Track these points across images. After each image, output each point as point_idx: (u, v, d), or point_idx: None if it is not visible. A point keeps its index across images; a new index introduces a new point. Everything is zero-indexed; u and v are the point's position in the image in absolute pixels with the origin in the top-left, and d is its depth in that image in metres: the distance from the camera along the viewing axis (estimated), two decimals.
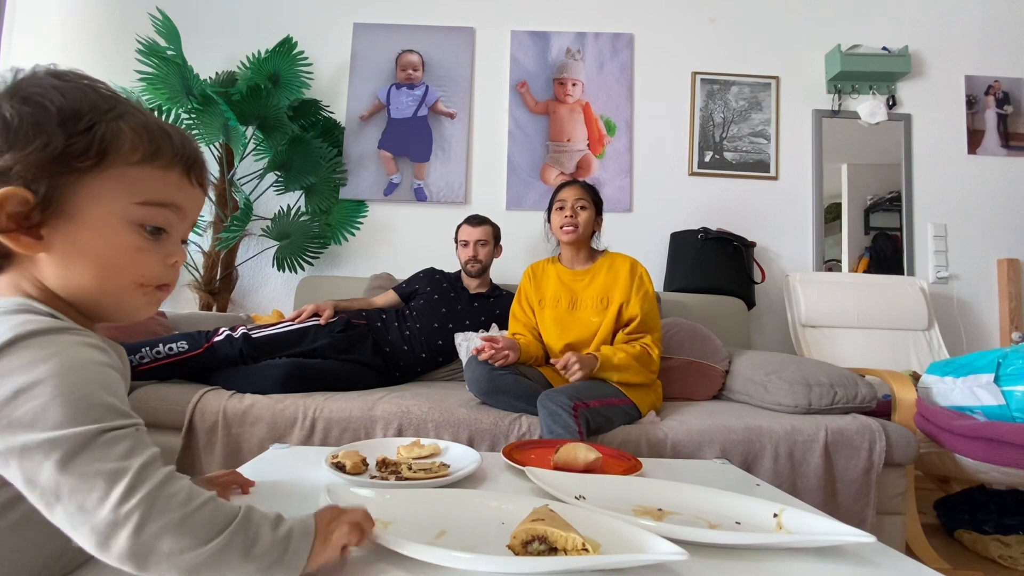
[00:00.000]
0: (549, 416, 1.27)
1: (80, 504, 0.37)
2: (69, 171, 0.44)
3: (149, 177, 0.48)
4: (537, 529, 0.51)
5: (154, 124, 0.49)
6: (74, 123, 0.44)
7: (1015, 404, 1.44)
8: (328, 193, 2.55)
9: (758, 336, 2.55)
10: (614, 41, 2.68)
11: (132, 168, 0.47)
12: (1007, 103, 2.68)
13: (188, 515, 0.39)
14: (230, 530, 0.41)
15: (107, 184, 0.46)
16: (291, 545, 0.44)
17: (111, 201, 0.46)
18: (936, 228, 2.60)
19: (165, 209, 0.49)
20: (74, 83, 0.47)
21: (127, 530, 0.37)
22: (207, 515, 0.41)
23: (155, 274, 0.50)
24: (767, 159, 2.64)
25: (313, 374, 1.57)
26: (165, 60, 2.18)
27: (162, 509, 0.39)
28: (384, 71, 2.66)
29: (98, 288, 0.47)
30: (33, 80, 0.46)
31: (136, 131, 0.47)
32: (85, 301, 0.48)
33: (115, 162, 0.46)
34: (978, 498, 1.72)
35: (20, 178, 0.43)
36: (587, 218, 1.64)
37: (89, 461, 0.38)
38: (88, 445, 0.38)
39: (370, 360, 1.80)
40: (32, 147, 0.43)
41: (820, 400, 1.50)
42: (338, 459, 0.80)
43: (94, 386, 0.41)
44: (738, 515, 0.69)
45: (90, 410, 0.40)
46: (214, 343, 1.58)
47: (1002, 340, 2.52)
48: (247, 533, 0.42)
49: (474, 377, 1.46)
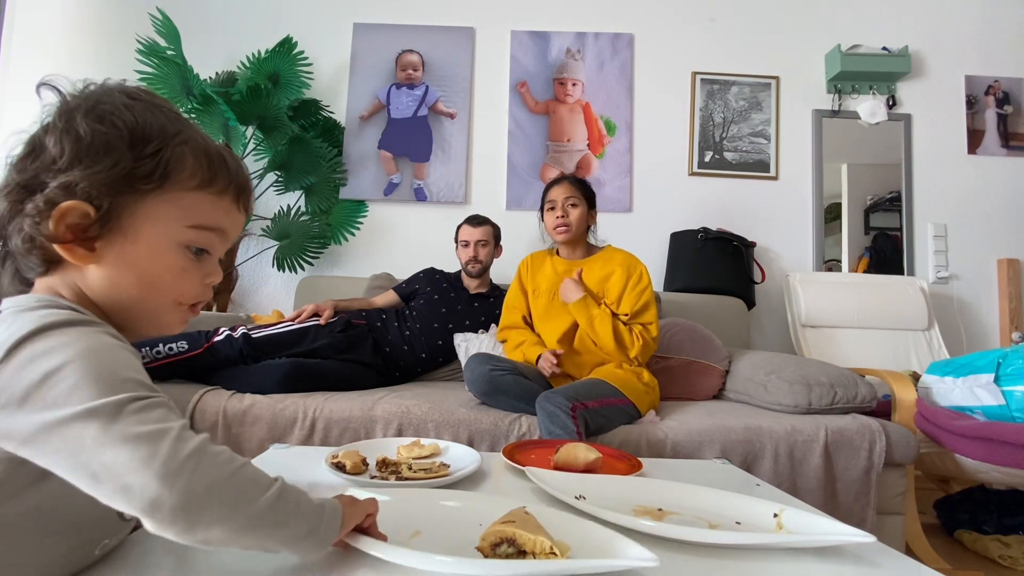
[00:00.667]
0: (547, 417, 1.27)
1: (127, 466, 0.37)
2: (132, 191, 0.46)
3: (203, 202, 0.50)
4: (505, 531, 0.51)
5: (213, 150, 0.51)
6: (143, 146, 0.46)
7: (1015, 404, 1.44)
8: (328, 193, 2.55)
9: (758, 336, 2.55)
10: (614, 41, 2.68)
11: (189, 192, 0.49)
12: (1007, 103, 2.68)
13: (235, 472, 0.40)
14: (275, 490, 0.42)
15: (164, 207, 0.48)
16: (325, 517, 0.45)
17: (166, 223, 0.48)
18: (936, 228, 2.60)
19: (212, 233, 0.52)
20: (144, 103, 0.48)
21: (179, 486, 0.37)
22: (252, 474, 0.41)
23: (194, 293, 0.52)
24: (767, 159, 2.64)
25: (313, 374, 1.57)
26: (165, 60, 2.18)
27: (210, 465, 0.39)
28: (384, 71, 2.66)
29: (139, 303, 0.49)
30: (106, 96, 0.47)
31: (197, 157, 0.49)
32: (122, 313, 0.49)
33: (175, 186, 0.48)
34: (978, 498, 1.72)
35: (84, 193, 0.44)
36: (579, 215, 1.64)
37: (129, 425, 0.38)
38: (124, 410, 0.39)
39: (370, 360, 1.80)
40: (101, 166, 0.44)
41: (820, 400, 1.50)
42: (338, 459, 0.80)
43: (119, 364, 0.42)
44: (738, 515, 0.69)
45: (121, 383, 0.40)
46: (214, 343, 1.58)
47: (1002, 340, 2.52)
48: (290, 496, 0.43)
49: (474, 377, 1.46)
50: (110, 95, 0.47)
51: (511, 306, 1.76)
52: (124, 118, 0.46)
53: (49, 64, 2.62)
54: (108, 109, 0.46)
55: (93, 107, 0.46)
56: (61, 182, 0.44)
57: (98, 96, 0.47)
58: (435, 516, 0.62)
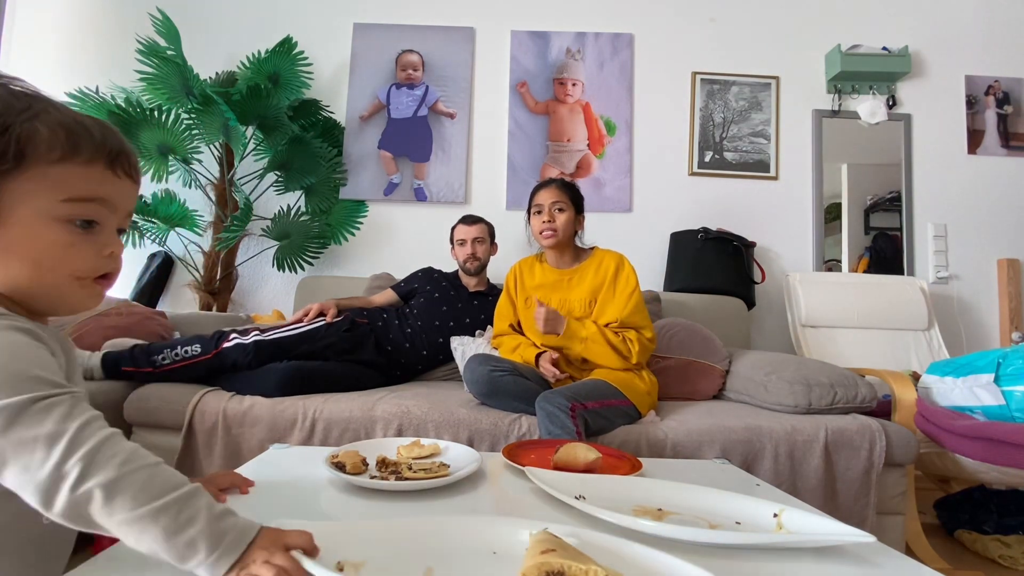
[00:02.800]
0: (547, 417, 1.27)
1: (24, 465, 0.40)
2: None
3: (71, 174, 0.48)
4: (552, 564, 0.44)
5: (71, 121, 0.49)
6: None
7: (1015, 404, 1.44)
8: (328, 193, 2.55)
9: (758, 336, 2.55)
10: (614, 41, 2.68)
11: (53, 167, 0.48)
12: (1007, 103, 2.68)
13: (124, 475, 0.41)
14: (161, 503, 0.41)
15: (29, 185, 0.47)
16: (220, 546, 0.42)
17: (36, 200, 0.47)
18: (936, 228, 2.60)
19: (92, 203, 0.50)
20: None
21: (66, 486, 0.40)
22: (143, 479, 0.42)
23: (91, 266, 0.51)
24: (767, 159, 2.64)
25: (313, 376, 1.56)
26: (165, 60, 2.18)
27: (99, 467, 0.41)
28: (384, 71, 2.66)
29: (35, 284, 0.49)
30: None
31: (52, 130, 0.47)
32: (24, 297, 0.49)
33: (35, 162, 0.47)
34: (978, 498, 1.72)
35: None
36: (566, 220, 1.61)
37: (28, 427, 0.41)
38: (24, 412, 0.41)
39: (373, 359, 1.80)
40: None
41: (820, 400, 1.50)
42: (338, 459, 0.80)
43: (23, 362, 0.43)
44: (738, 515, 0.69)
45: (22, 383, 0.42)
46: (223, 349, 1.57)
47: (1002, 340, 2.52)
48: (181, 513, 0.42)
49: (473, 378, 1.46)
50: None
51: (501, 315, 1.76)
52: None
53: (49, 64, 2.62)
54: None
55: None
56: None
57: None
58: (440, 547, 0.53)
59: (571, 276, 1.65)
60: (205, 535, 0.42)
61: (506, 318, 1.74)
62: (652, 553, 0.50)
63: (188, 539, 0.41)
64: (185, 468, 1.37)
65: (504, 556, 0.51)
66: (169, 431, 1.41)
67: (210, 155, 2.45)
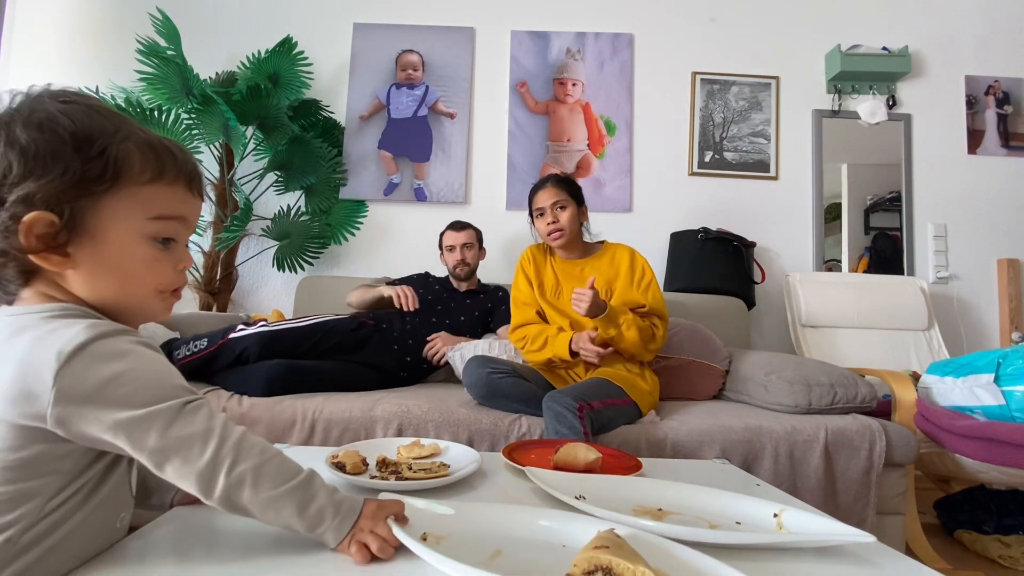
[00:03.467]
0: (555, 417, 1.27)
1: (185, 458, 0.48)
2: (88, 194, 0.48)
3: (159, 194, 0.53)
4: (600, 559, 0.46)
5: (157, 142, 0.53)
6: (87, 148, 0.48)
7: (1015, 404, 1.44)
8: (328, 193, 2.55)
9: (758, 336, 2.55)
10: (614, 41, 2.68)
11: (144, 187, 0.51)
12: (1007, 103, 2.68)
13: (264, 462, 0.50)
14: (294, 483, 0.51)
15: (123, 203, 0.50)
16: (341, 511, 0.53)
17: (128, 219, 0.51)
18: (936, 228, 2.60)
19: (174, 221, 0.54)
20: (78, 105, 0.49)
21: (223, 471, 0.48)
22: (277, 465, 0.51)
23: (170, 280, 0.56)
24: (767, 159, 2.64)
25: (303, 375, 1.55)
26: (165, 60, 2.17)
27: (246, 455, 0.50)
28: (384, 71, 2.66)
29: (122, 297, 0.53)
30: (39, 104, 0.48)
31: (143, 152, 0.51)
32: (109, 308, 0.53)
33: (128, 182, 0.50)
34: (978, 498, 1.72)
35: (43, 203, 0.47)
36: (570, 216, 1.61)
37: (184, 426, 0.48)
38: (179, 414, 0.48)
39: (377, 360, 1.79)
40: (52, 174, 0.46)
41: (820, 400, 1.50)
42: (338, 459, 0.80)
43: (166, 373, 0.51)
44: (738, 515, 0.69)
45: (172, 390, 0.49)
46: (228, 340, 1.57)
47: (1002, 340, 2.52)
48: (307, 490, 0.52)
49: (472, 381, 1.46)
50: (41, 102, 0.48)
51: (521, 302, 1.67)
52: (63, 123, 0.47)
53: (49, 64, 2.62)
54: (44, 117, 0.47)
55: (29, 117, 0.47)
56: (19, 195, 0.46)
57: (31, 105, 0.48)
58: (515, 534, 0.58)
59: (583, 267, 1.65)
60: (328, 506, 0.53)
61: (528, 305, 1.66)
62: (710, 562, 0.50)
63: (316, 510, 0.52)
64: None
65: (572, 550, 0.52)
66: None
67: (210, 155, 2.45)
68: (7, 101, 0.48)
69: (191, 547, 0.55)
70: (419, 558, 0.50)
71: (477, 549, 0.54)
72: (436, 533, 0.56)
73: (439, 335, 1.85)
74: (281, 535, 0.55)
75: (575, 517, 0.61)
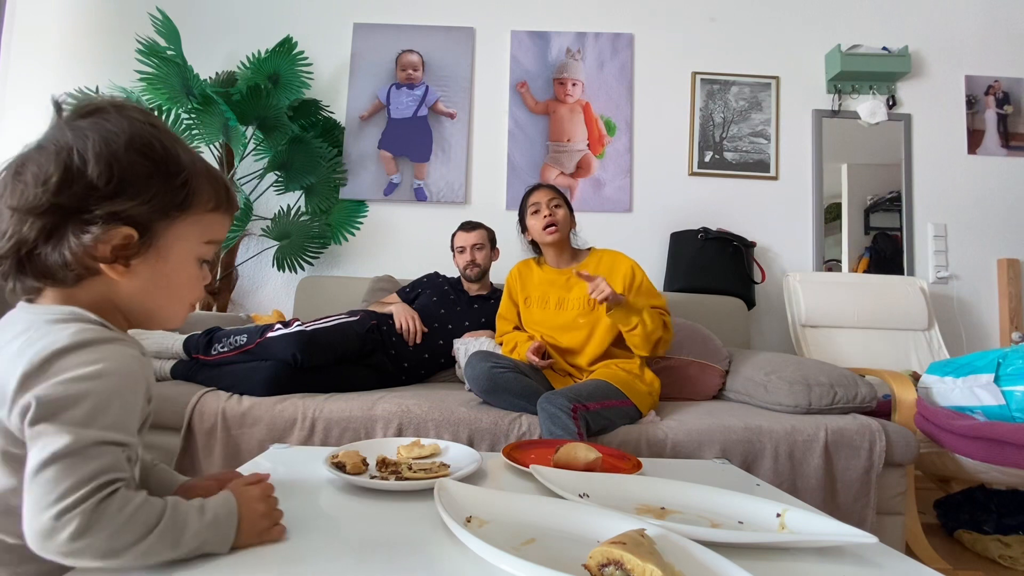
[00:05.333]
0: (548, 419, 1.27)
1: (38, 499, 0.43)
2: (165, 217, 0.54)
3: (213, 221, 0.59)
4: (613, 553, 0.48)
5: (217, 175, 0.59)
6: (174, 178, 0.53)
7: (1015, 404, 1.44)
8: (328, 193, 2.55)
9: (758, 336, 2.55)
10: (614, 41, 2.68)
11: (206, 214, 0.57)
12: (1007, 103, 2.68)
13: (120, 525, 0.45)
14: (159, 529, 0.47)
15: (188, 227, 0.56)
16: (219, 527, 0.51)
17: (189, 241, 0.57)
18: (936, 228, 2.60)
19: (216, 244, 0.60)
20: (163, 130, 0.55)
21: (63, 536, 0.42)
22: (139, 519, 0.46)
23: (199, 295, 0.61)
24: (767, 159, 2.64)
25: (301, 377, 1.53)
26: (165, 60, 2.17)
27: (97, 524, 0.44)
28: (384, 71, 2.66)
29: (163, 308, 0.58)
30: (134, 125, 0.52)
31: (211, 184, 0.57)
32: (142, 314, 0.57)
33: (196, 209, 0.56)
34: (978, 498, 1.72)
35: (130, 219, 0.51)
36: (564, 216, 1.65)
37: (77, 462, 0.44)
38: (89, 447, 0.45)
39: (380, 363, 1.79)
40: (144, 196, 0.51)
41: (820, 400, 1.50)
42: (338, 459, 0.80)
43: (130, 412, 0.49)
44: (741, 515, 0.69)
45: (118, 427, 0.47)
46: (265, 339, 1.56)
47: (1002, 340, 2.52)
48: (175, 526, 0.48)
49: (474, 375, 1.46)
50: (136, 124, 0.52)
51: (503, 317, 1.78)
52: (158, 152, 0.52)
53: (49, 64, 2.62)
54: (145, 142, 0.52)
55: (132, 139, 0.51)
56: (108, 210, 0.50)
57: (130, 129, 0.52)
58: (555, 525, 0.61)
59: (569, 275, 1.66)
60: (207, 526, 0.50)
61: (509, 321, 1.76)
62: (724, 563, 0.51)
63: (191, 537, 0.49)
64: (184, 469, 1.37)
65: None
66: (169, 431, 1.41)
67: (210, 155, 2.44)
68: (85, 104, 0.52)
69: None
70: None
71: (514, 535, 0.58)
72: (480, 517, 0.61)
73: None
74: (287, 520, 0.58)
75: (616, 516, 0.61)
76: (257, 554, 0.53)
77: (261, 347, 1.55)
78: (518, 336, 1.69)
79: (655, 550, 0.50)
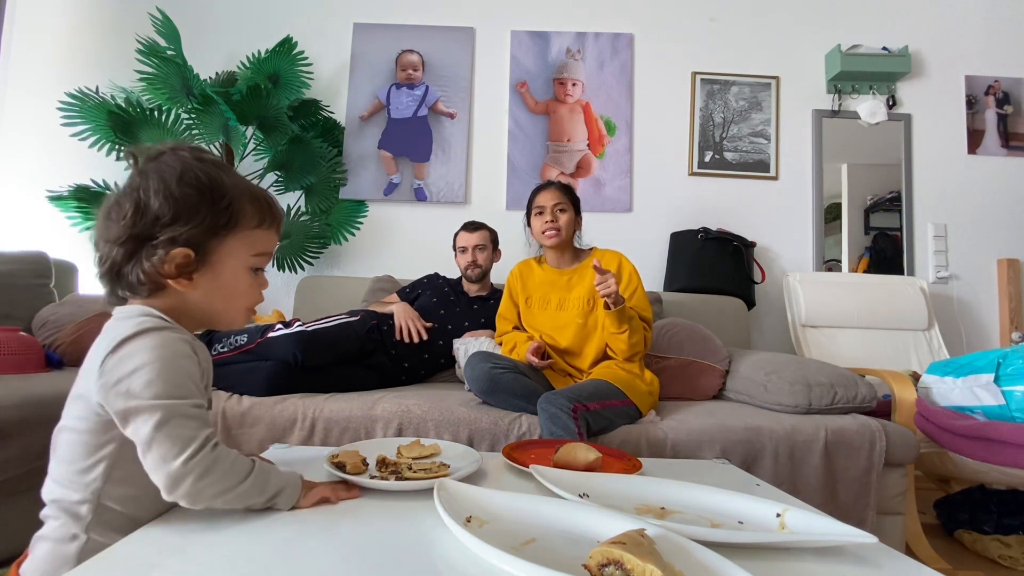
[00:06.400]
0: (549, 419, 1.27)
1: (163, 455, 0.56)
2: (215, 236, 0.64)
3: (260, 236, 0.69)
4: (613, 553, 0.48)
5: (261, 195, 0.69)
6: (219, 202, 0.64)
7: (1015, 404, 1.44)
8: (328, 193, 2.55)
9: (758, 336, 2.55)
10: (614, 41, 2.68)
11: (252, 231, 0.68)
12: (1007, 103, 2.68)
13: (226, 471, 0.59)
14: (251, 477, 0.61)
15: (237, 243, 0.66)
16: (288, 487, 0.65)
17: (239, 255, 0.67)
18: (936, 228, 2.60)
19: (265, 256, 0.71)
20: (209, 163, 0.65)
21: (190, 479, 0.57)
22: (238, 468, 0.61)
23: (256, 300, 0.72)
24: (767, 159, 2.64)
25: (302, 377, 1.54)
26: (165, 60, 2.17)
27: (212, 469, 0.58)
28: (384, 71, 2.66)
29: (224, 313, 0.69)
30: (185, 163, 0.63)
31: (254, 204, 0.68)
32: (207, 318, 0.69)
33: (242, 227, 0.66)
34: (978, 498, 1.72)
35: (185, 241, 0.62)
36: (567, 220, 1.64)
37: (175, 427, 0.57)
38: (176, 414, 0.57)
39: (379, 363, 1.79)
40: (195, 221, 0.62)
41: (820, 400, 1.50)
42: (338, 459, 0.80)
43: (183, 374, 0.60)
44: (741, 515, 0.69)
45: (180, 388, 0.59)
46: (266, 339, 1.56)
47: (1002, 340, 2.52)
48: (261, 476, 0.63)
49: (474, 375, 1.46)
50: (186, 161, 0.63)
51: (503, 317, 1.77)
52: (203, 181, 0.63)
53: (49, 64, 2.62)
54: (193, 176, 0.63)
55: (182, 175, 0.62)
56: (169, 235, 0.61)
57: (181, 166, 0.63)
58: (555, 525, 0.61)
59: (570, 276, 1.66)
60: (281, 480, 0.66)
61: (509, 321, 1.75)
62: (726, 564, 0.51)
63: (271, 489, 0.64)
64: None
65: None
66: None
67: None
68: (155, 153, 0.64)
69: (192, 546, 0.55)
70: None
71: (514, 535, 0.58)
72: (480, 517, 0.62)
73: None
74: (290, 522, 0.62)
75: (618, 517, 0.61)
76: (257, 554, 0.53)
77: (261, 347, 1.56)
78: (518, 336, 1.69)
79: (655, 550, 0.50)
